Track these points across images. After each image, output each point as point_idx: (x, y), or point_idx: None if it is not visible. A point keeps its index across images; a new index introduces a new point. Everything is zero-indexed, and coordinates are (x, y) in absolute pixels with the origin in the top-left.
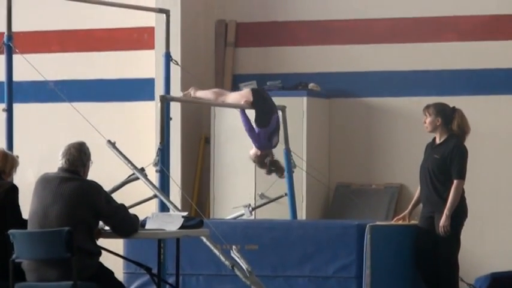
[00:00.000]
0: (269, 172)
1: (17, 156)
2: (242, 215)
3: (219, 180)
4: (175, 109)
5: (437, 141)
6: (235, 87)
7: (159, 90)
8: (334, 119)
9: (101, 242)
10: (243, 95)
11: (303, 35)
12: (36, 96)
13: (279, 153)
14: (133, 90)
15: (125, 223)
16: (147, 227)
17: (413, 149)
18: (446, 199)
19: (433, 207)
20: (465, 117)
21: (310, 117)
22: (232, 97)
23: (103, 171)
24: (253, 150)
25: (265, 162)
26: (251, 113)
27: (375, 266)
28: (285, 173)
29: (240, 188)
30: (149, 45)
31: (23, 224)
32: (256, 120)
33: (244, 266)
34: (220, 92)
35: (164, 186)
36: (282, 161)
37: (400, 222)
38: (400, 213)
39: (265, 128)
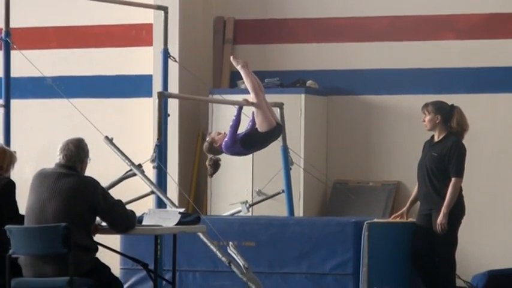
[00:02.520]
0: (208, 165)
1: (15, 152)
2: (239, 211)
3: (216, 176)
4: (173, 105)
5: (436, 139)
6: (233, 84)
7: (157, 86)
8: (332, 116)
9: (98, 237)
10: (269, 118)
11: (301, 32)
12: (34, 92)
13: (276, 150)
14: (131, 86)
15: (121, 219)
16: (144, 223)
17: (411, 147)
18: (444, 197)
19: (431, 205)
20: (464, 114)
21: (308, 115)
22: (260, 109)
23: (100, 167)
24: (218, 135)
25: (212, 158)
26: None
27: (372, 263)
28: (283, 170)
29: (237, 185)
30: (147, 41)
31: (19, 219)
32: (245, 136)
33: (241, 262)
34: (257, 91)
35: (161, 183)
36: (280, 158)
37: (398, 219)
38: (398, 210)
39: (242, 148)
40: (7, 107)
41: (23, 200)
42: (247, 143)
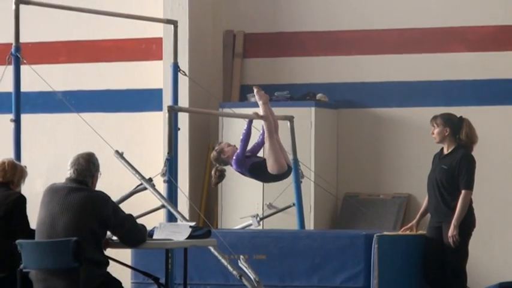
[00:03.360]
0: (215, 174)
1: (25, 167)
2: (250, 225)
3: (226, 190)
4: (183, 119)
5: (445, 151)
6: (243, 98)
7: (167, 100)
8: (342, 129)
9: (109, 252)
10: (281, 162)
11: (311, 45)
12: (44, 107)
13: None
14: (141, 100)
15: (132, 233)
16: (154, 237)
17: (421, 159)
18: (454, 209)
19: (441, 217)
20: (473, 126)
21: (318, 128)
22: (272, 150)
23: (111, 182)
24: (227, 147)
25: (218, 168)
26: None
27: (382, 276)
28: (293, 183)
29: (248, 198)
30: (157, 55)
31: (30, 233)
32: (255, 164)
33: (252, 276)
34: (272, 132)
35: (172, 196)
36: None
37: (408, 232)
38: (408, 223)
39: (247, 171)
40: (17, 121)
41: (34, 215)
42: (255, 171)
